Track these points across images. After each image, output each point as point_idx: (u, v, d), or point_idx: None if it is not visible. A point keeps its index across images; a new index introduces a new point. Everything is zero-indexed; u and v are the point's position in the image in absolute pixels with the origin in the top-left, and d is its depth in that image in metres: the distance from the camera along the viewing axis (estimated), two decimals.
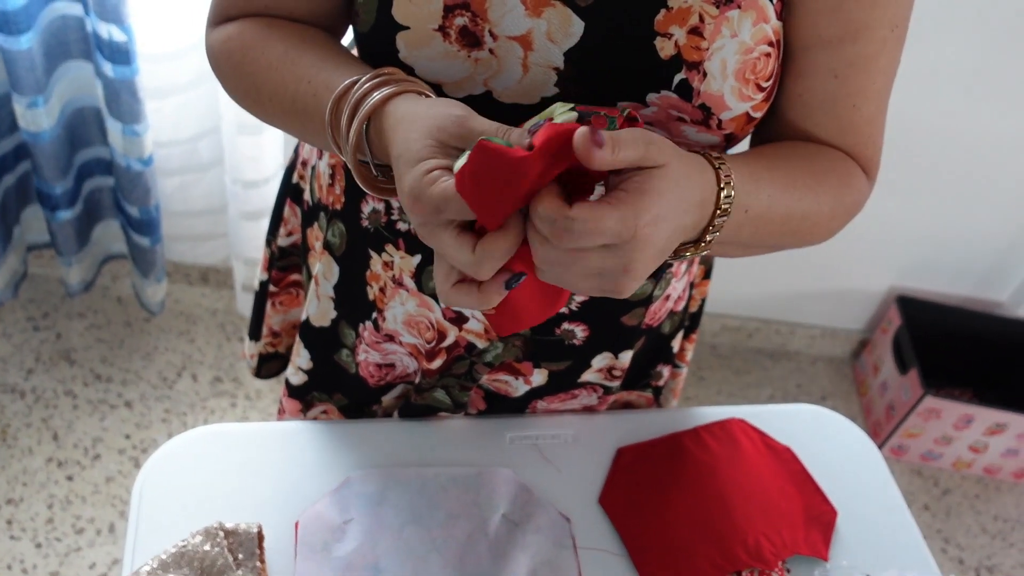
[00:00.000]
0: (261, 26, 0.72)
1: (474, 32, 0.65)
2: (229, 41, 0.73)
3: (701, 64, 0.64)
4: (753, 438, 0.91)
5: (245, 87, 0.73)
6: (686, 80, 0.64)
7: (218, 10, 0.75)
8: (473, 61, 0.66)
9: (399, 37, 0.66)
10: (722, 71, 0.64)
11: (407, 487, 0.82)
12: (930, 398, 1.85)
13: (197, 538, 0.74)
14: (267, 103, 0.72)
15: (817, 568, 0.82)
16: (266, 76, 0.70)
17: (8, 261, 1.73)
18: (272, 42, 0.71)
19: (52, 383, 1.81)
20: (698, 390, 2.09)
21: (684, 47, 0.64)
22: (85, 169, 1.70)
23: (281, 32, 0.72)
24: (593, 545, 0.82)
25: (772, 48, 0.66)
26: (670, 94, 0.65)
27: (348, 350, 0.90)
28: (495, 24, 0.64)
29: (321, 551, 0.77)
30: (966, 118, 1.73)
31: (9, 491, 1.64)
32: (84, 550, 1.58)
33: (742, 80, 0.65)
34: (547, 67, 0.65)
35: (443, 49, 0.65)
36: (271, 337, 1.10)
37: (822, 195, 0.70)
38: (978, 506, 1.97)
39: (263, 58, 0.71)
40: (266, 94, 0.71)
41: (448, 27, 0.65)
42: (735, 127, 0.67)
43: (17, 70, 1.41)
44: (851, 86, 0.69)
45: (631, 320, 0.83)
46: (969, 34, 1.60)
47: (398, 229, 0.78)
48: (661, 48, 0.64)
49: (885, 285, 2.08)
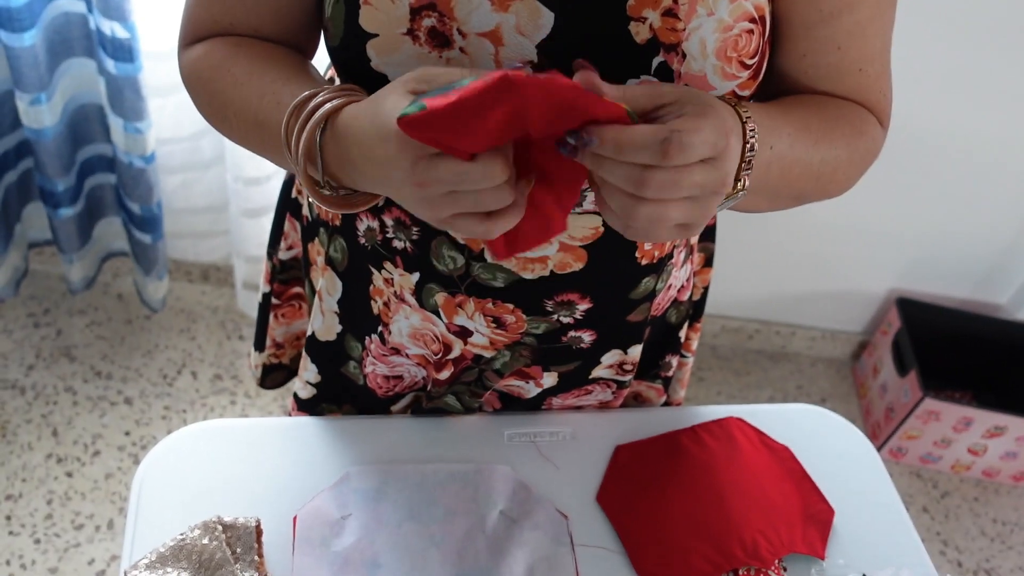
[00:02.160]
0: (229, 45, 0.73)
1: (443, 32, 0.64)
2: (198, 61, 0.74)
3: (679, 45, 0.63)
4: (751, 437, 0.91)
5: (215, 106, 0.73)
6: (665, 63, 0.64)
7: (187, 31, 0.75)
8: (444, 61, 0.65)
9: (369, 46, 0.65)
10: (701, 51, 0.64)
11: (405, 483, 0.82)
12: (929, 400, 1.85)
13: (196, 532, 0.74)
14: (233, 119, 0.72)
15: (814, 567, 0.83)
16: (232, 93, 0.71)
17: (9, 258, 1.73)
18: (239, 59, 0.71)
19: (52, 379, 1.81)
20: (698, 391, 2.09)
21: (660, 29, 0.63)
22: (87, 166, 1.70)
23: (248, 50, 0.72)
24: (590, 542, 0.82)
25: (755, 25, 0.65)
26: (651, 78, 0.64)
27: (355, 362, 0.90)
28: (463, 22, 0.64)
29: (319, 546, 0.77)
30: (966, 120, 1.73)
31: (8, 487, 1.64)
32: (83, 546, 1.58)
33: (724, 59, 0.64)
34: (520, 61, 0.65)
35: (414, 52, 0.65)
36: (275, 348, 1.10)
37: (837, 139, 0.71)
38: (977, 509, 1.97)
39: (229, 75, 0.71)
40: (232, 111, 0.72)
41: (416, 30, 0.64)
42: None
43: (20, 67, 1.41)
44: (854, 53, 0.70)
45: (637, 317, 0.83)
46: (968, 36, 1.60)
47: (394, 247, 0.78)
48: (636, 33, 0.63)
49: (885, 287, 2.08)
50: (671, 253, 0.82)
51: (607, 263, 0.77)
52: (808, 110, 0.71)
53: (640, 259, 0.78)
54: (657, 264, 0.80)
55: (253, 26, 0.73)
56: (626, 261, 0.78)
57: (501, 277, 0.77)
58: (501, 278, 0.77)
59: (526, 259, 0.76)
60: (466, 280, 0.78)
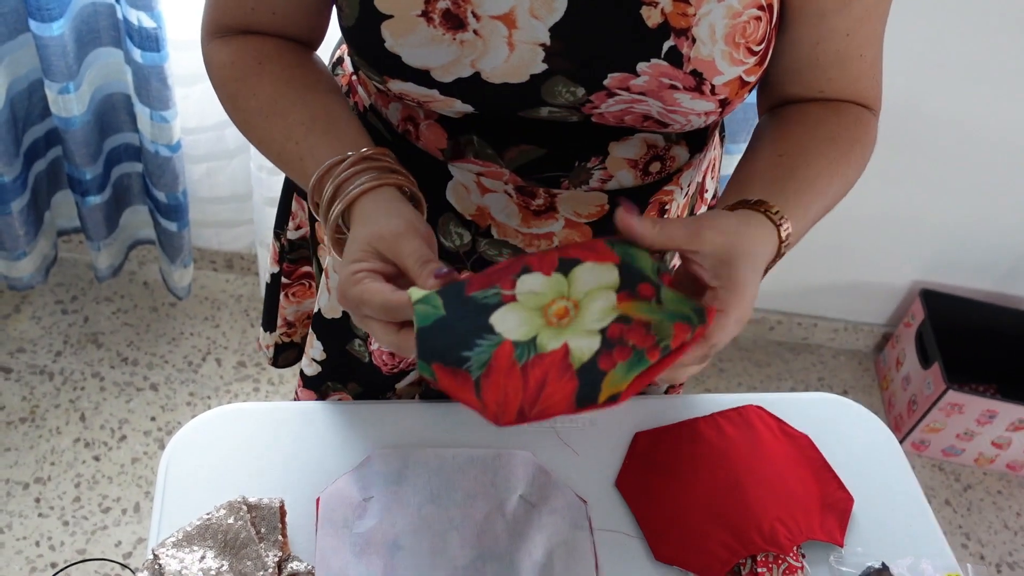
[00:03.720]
0: (254, 59, 0.74)
1: (457, 14, 0.65)
2: (223, 69, 0.75)
3: (689, 30, 0.64)
4: (770, 425, 0.91)
5: (238, 120, 0.76)
6: (675, 47, 0.64)
7: (212, 18, 0.77)
8: (459, 44, 0.66)
9: (384, 27, 0.66)
10: (711, 36, 0.64)
11: (426, 466, 0.83)
12: (953, 392, 1.84)
13: (221, 511, 0.76)
14: (255, 143, 0.75)
15: (832, 554, 0.83)
16: (255, 121, 0.73)
17: (39, 245, 1.76)
18: (263, 83, 0.73)
19: (80, 365, 1.84)
20: (718, 382, 2.09)
21: (671, 14, 0.63)
22: (114, 155, 1.72)
23: (272, 72, 0.73)
24: (609, 527, 0.83)
25: (763, 12, 0.66)
26: (660, 62, 0.65)
27: (360, 340, 0.91)
28: (477, 4, 0.64)
29: (342, 527, 0.78)
30: (992, 110, 1.71)
31: (38, 470, 1.67)
32: (110, 528, 1.61)
33: (732, 44, 0.65)
34: (533, 44, 0.65)
35: (428, 34, 0.65)
36: (286, 327, 1.11)
37: (848, 169, 0.74)
38: (1000, 502, 1.96)
39: (254, 100, 0.73)
40: (255, 137, 0.74)
41: (431, 12, 0.65)
42: (729, 92, 0.68)
43: (49, 56, 1.43)
44: (859, 39, 0.72)
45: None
46: (996, 27, 1.58)
47: None
48: (648, 17, 0.64)
49: (909, 279, 2.07)
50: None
51: None
52: (820, 157, 0.73)
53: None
54: None
55: (272, 7, 0.74)
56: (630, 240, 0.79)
57: (507, 253, 0.77)
58: (507, 254, 0.77)
59: (532, 235, 0.76)
60: (472, 256, 0.79)
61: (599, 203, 0.75)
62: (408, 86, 0.69)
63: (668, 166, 0.77)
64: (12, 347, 1.84)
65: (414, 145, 0.77)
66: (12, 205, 1.62)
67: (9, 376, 1.80)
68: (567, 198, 0.76)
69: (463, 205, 0.77)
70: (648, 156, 0.75)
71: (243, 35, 0.76)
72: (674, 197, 0.80)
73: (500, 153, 0.74)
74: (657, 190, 0.78)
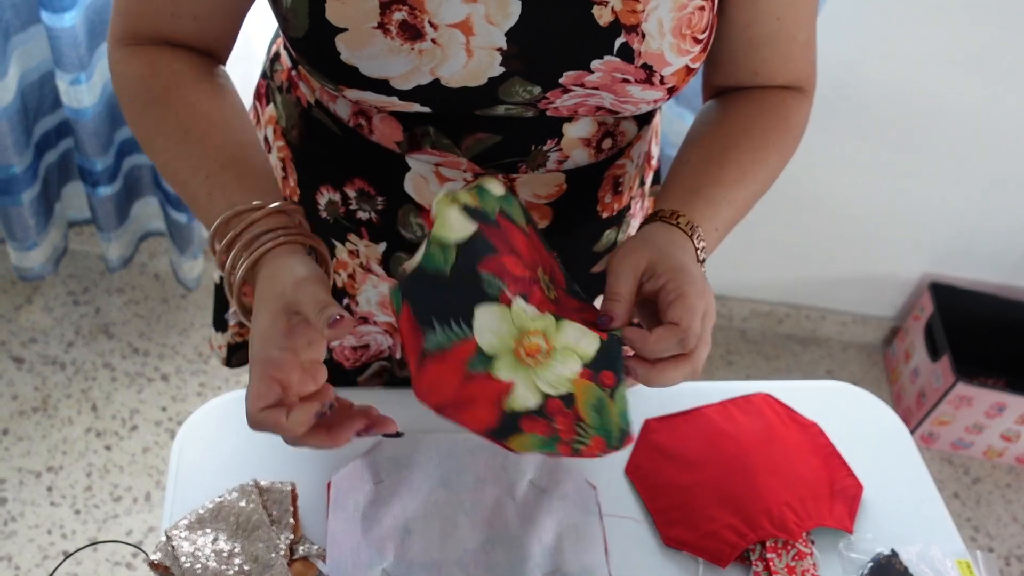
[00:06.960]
0: (169, 82, 0.72)
1: (414, 24, 0.64)
2: (134, 82, 0.73)
3: (639, 26, 0.66)
4: (780, 413, 0.92)
5: (140, 136, 0.74)
6: (626, 43, 0.66)
7: (124, 24, 0.73)
8: (417, 53, 0.65)
9: (338, 40, 0.65)
10: (659, 30, 0.66)
11: (437, 451, 0.84)
12: (962, 385, 1.84)
13: (233, 494, 0.76)
14: (158, 164, 0.73)
15: (842, 541, 0.83)
16: (163, 144, 0.71)
17: (50, 236, 1.77)
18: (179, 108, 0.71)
19: (91, 356, 1.85)
20: (727, 374, 2.09)
21: (621, 12, 0.65)
22: (125, 146, 1.73)
23: (187, 95, 0.71)
24: (618, 512, 0.83)
25: (706, 1, 0.68)
26: (613, 58, 0.67)
27: None
28: (433, 14, 0.64)
29: (352, 511, 0.79)
30: (1002, 102, 1.71)
31: (50, 459, 1.68)
32: (121, 517, 1.62)
33: (679, 36, 0.67)
34: (490, 49, 0.66)
35: (386, 45, 0.65)
36: (238, 327, 1.10)
37: (769, 157, 0.78)
38: (1009, 495, 1.95)
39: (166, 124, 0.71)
40: (159, 159, 0.72)
41: (387, 23, 0.64)
42: (676, 80, 0.70)
43: (61, 47, 1.44)
44: (790, 21, 0.75)
45: (600, 268, 0.87)
46: (1006, 18, 1.58)
47: (358, 218, 0.79)
48: (599, 16, 0.65)
49: (918, 272, 2.06)
50: (629, 205, 0.86)
51: (570, 219, 0.80)
52: (740, 146, 0.77)
53: (601, 212, 0.82)
54: (617, 216, 0.84)
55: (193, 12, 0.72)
56: (588, 216, 0.81)
57: None
58: None
59: None
60: None
61: (557, 183, 0.77)
62: (366, 94, 0.69)
63: (619, 141, 0.80)
64: (24, 337, 1.85)
65: (367, 139, 0.77)
66: (23, 196, 1.63)
67: (21, 366, 1.81)
68: (526, 181, 0.77)
69: (422, 196, 0.78)
70: (600, 133, 0.77)
71: (156, 47, 0.73)
72: (627, 170, 0.83)
73: (457, 143, 0.74)
74: (610, 165, 0.80)
